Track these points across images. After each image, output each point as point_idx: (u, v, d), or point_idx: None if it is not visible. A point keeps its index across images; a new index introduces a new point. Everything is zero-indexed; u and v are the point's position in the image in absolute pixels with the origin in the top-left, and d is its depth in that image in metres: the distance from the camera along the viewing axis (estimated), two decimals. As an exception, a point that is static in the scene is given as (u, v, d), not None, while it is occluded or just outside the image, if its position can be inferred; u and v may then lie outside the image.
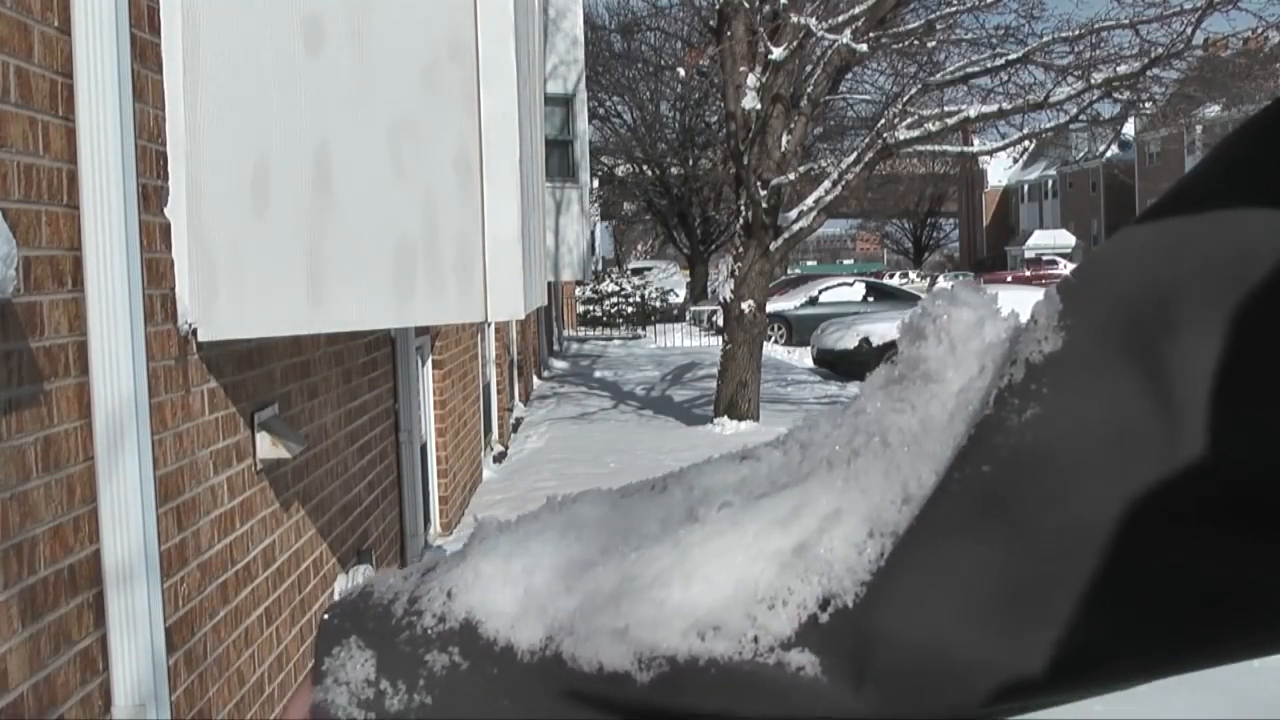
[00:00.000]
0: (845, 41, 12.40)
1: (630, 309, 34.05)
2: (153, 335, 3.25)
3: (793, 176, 13.13)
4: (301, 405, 4.69)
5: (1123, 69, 13.84)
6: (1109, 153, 43.95)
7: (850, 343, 20.00)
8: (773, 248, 13.28)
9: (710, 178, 31.98)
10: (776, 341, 25.58)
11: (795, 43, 12.61)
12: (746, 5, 12.78)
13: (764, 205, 12.98)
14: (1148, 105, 16.15)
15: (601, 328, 33.30)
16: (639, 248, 58.67)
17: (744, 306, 13.36)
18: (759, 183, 12.92)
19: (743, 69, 13.04)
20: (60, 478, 2.82)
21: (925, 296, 0.50)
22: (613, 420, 14.29)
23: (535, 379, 18.03)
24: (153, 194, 3.40)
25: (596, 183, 27.20)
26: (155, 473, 3.17)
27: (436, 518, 8.46)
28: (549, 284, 12.35)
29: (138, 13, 3.29)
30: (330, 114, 3.58)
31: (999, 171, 70.42)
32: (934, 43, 15.54)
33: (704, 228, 35.84)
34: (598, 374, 20.05)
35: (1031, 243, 61.53)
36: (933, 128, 13.19)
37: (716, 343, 20.40)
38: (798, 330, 26.29)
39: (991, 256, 66.03)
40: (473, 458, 9.98)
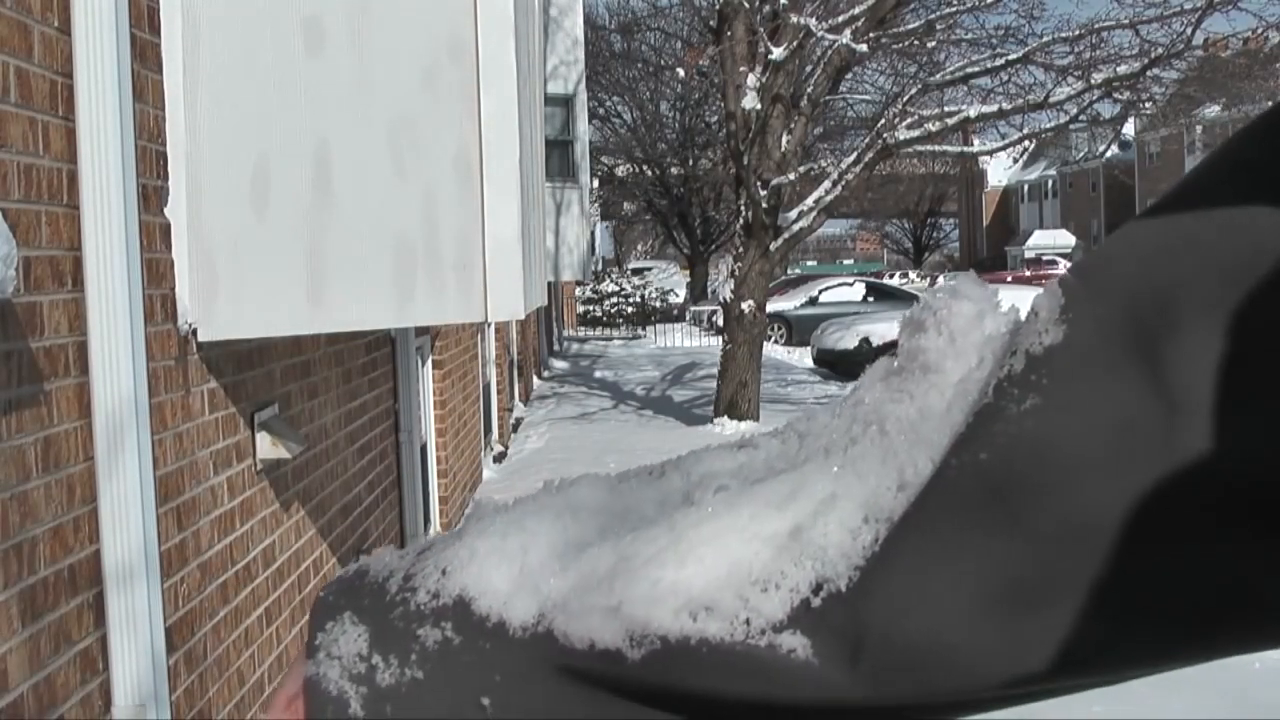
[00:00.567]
0: (845, 41, 12.39)
1: (630, 309, 34.04)
2: (153, 335, 3.25)
3: (793, 176, 13.13)
4: (301, 405, 4.69)
5: (1123, 69, 13.84)
6: (1109, 153, 43.93)
7: (850, 343, 20.00)
8: (773, 248, 13.28)
9: (710, 178, 31.98)
10: (776, 342, 25.58)
11: (795, 43, 12.61)
12: (746, 5, 12.77)
13: (764, 205, 12.98)
14: (1148, 105, 16.14)
15: (601, 328, 33.29)
16: (639, 248, 58.67)
17: (744, 306, 13.36)
18: (759, 183, 12.92)
19: (743, 69, 13.04)
20: (60, 478, 2.82)
21: (926, 292, 0.50)
22: (613, 420, 14.29)
23: (535, 379, 18.03)
24: (153, 194, 3.40)
25: (596, 183, 27.19)
26: (155, 473, 3.17)
27: (436, 518, 8.46)
28: (549, 284, 12.35)
29: (138, 13, 3.29)
30: (330, 114, 3.58)
31: (999, 171, 70.39)
32: (934, 43, 15.54)
33: (704, 228, 35.84)
34: (598, 374, 20.05)
35: (1031, 243, 61.51)
36: (933, 128, 13.20)
37: (716, 343, 20.40)
38: (798, 330, 26.29)
39: (991, 256, 65.99)
40: (473, 458, 9.98)
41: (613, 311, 33.99)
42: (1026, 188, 71.12)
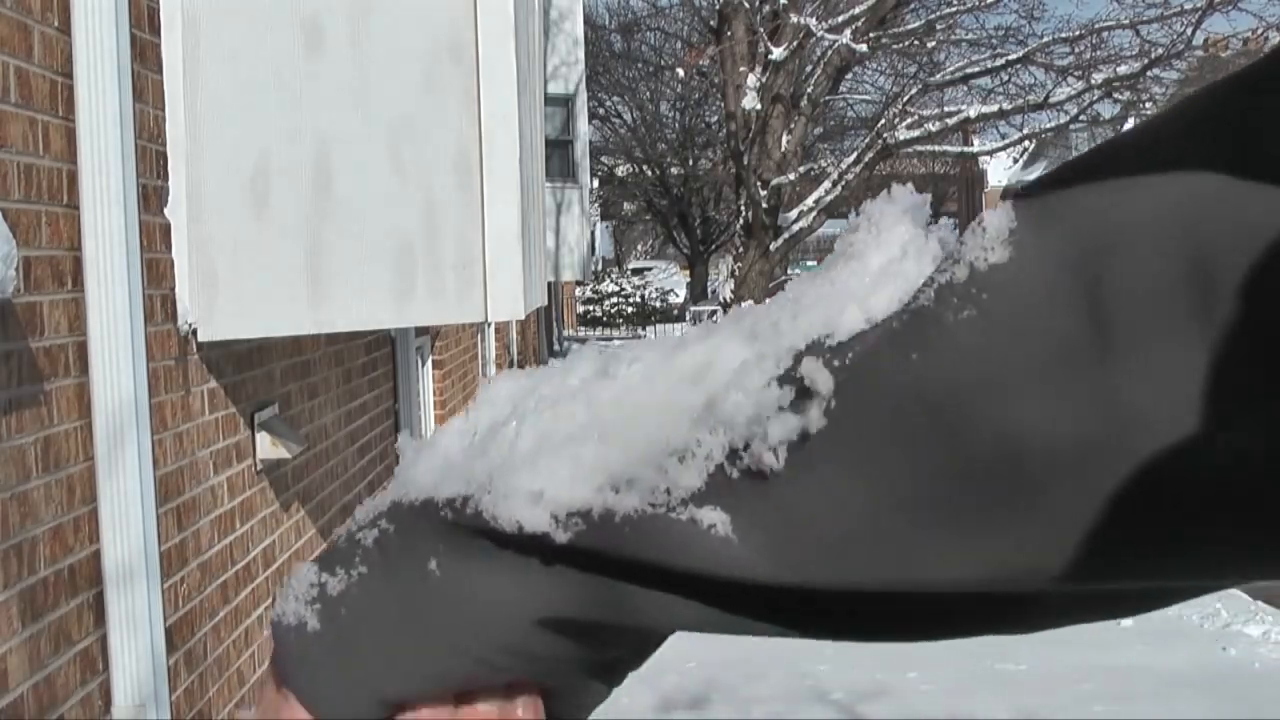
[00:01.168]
0: (845, 41, 12.40)
1: (630, 309, 34.04)
2: (153, 335, 3.25)
3: (793, 176, 13.13)
4: (301, 405, 4.69)
5: (1123, 69, 13.85)
6: (1109, 153, 43.83)
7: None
8: (773, 248, 13.29)
9: (710, 178, 31.97)
10: (776, 341, 25.49)
11: (795, 43, 12.62)
12: (746, 5, 12.77)
13: (764, 205, 12.98)
14: (1148, 105, 16.14)
15: (601, 328, 33.29)
16: (639, 248, 58.66)
17: (744, 307, 13.35)
18: (759, 183, 12.91)
19: (743, 69, 13.04)
20: (60, 478, 2.82)
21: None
22: (613, 420, 14.26)
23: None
24: (153, 194, 3.40)
25: (596, 183, 27.20)
26: (155, 473, 3.17)
27: (436, 518, 8.46)
28: (549, 284, 12.34)
29: (138, 13, 3.29)
30: (330, 114, 3.58)
31: (999, 172, 70.36)
32: (934, 43, 15.54)
33: (704, 228, 35.83)
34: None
35: (1031, 243, 61.47)
36: (933, 128, 13.20)
37: (716, 343, 20.31)
38: (798, 330, 26.20)
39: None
40: (473, 458, 9.97)
41: (613, 311, 33.99)
42: (1026, 188, 71.10)
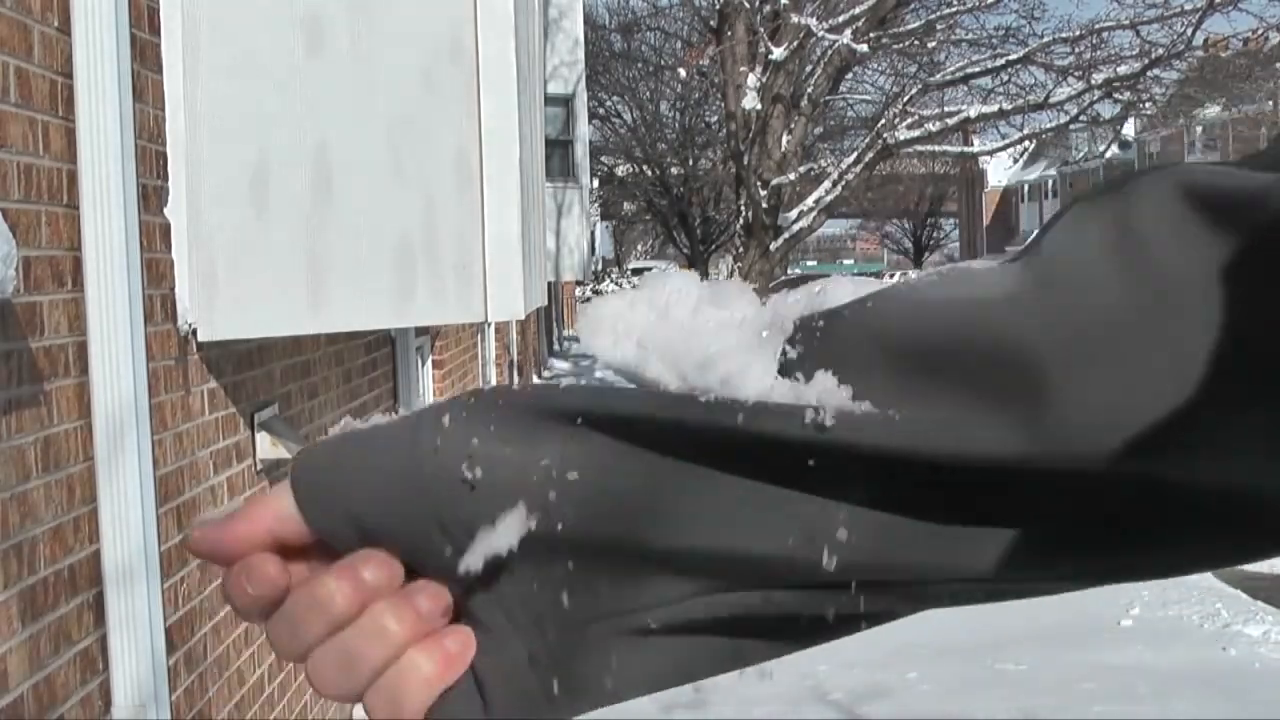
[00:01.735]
0: (845, 41, 12.40)
1: (630, 309, 33.93)
2: (153, 335, 3.25)
3: (793, 176, 13.14)
4: (301, 405, 4.69)
5: (1123, 69, 13.85)
6: (1109, 153, 43.92)
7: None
8: (773, 248, 13.29)
9: (710, 178, 31.97)
10: (776, 341, 25.50)
11: (795, 43, 12.62)
12: (747, 5, 12.78)
13: (764, 205, 12.98)
14: (1148, 105, 16.14)
15: (602, 328, 33.21)
16: (639, 248, 58.66)
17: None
18: (759, 183, 12.92)
19: (743, 69, 13.04)
20: (60, 478, 2.82)
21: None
22: (613, 420, 14.25)
23: (535, 379, 18.03)
24: (153, 194, 3.40)
25: (596, 183, 27.19)
26: (155, 473, 3.17)
27: (436, 518, 8.46)
28: (549, 284, 12.35)
29: (138, 13, 3.29)
30: (330, 114, 3.58)
31: (999, 171, 70.38)
32: (934, 43, 15.54)
33: (704, 228, 35.83)
34: (598, 374, 20.04)
35: (1032, 243, 61.43)
36: (933, 128, 13.20)
37: (716, 343, 20.31)
38: (798, 330, 26.20)
39: (992, 256, 65.92)
40: (473, 458, 9.97)
41: (613, 311, 33.89)
42: (1027, 188, 71.13)
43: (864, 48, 12.72)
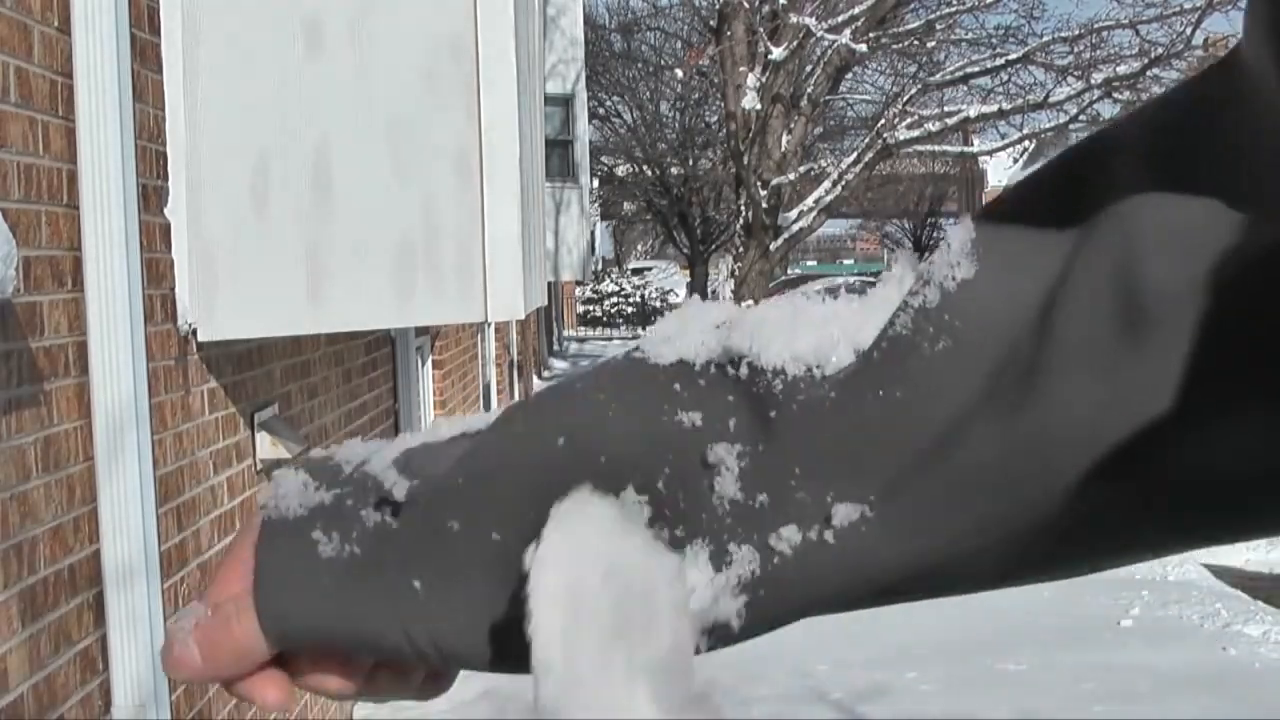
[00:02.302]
0: (845, 41, 12.40)
1: (630, 309, 34.05)
2: (153, 335, 3.25)
3: (793, 176, 13.14)
4: (301, 405, 4.69)
5: (1123, 69, 13.85)
6: (1109, 153, 43.83)
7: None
8: (773, 248, 13.29)
9: (710, 178, 31.96)
10: (776, 341, 25.49)
11: (795, 43, 12.62)
12: (746, 5, 12.78)
13: (764, 205, 12.98)
14: (1148, 105, 16.12)
15: (601, 328, 33.31)
16: (639, 248, 58.65)
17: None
18: (759, 183, 12.92)
19: (743, 69, 13.04)
20: (60, 478, 2.82)
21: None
22: (613, 420, 14.25)
23: (535, 379, 18.02)
24: (153, 194, 3.40)
25: (596, 183, 27.20)
26: (155, 473, 3.17)
27: (436, 518, 8.46)
28: (549, 284, 12.35)
29: (138, 13, 3.28)
30: (330, 114, 3.58)
31: (999, 171, 70.29)
32: (934, 43, 15.54)
33: (704, 228, 35.81)
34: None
35: (1031, 243, 61.40)
36: (933, 128, 13.21)
37: (716, 343, 20.31)
38: (798, 330, 26.19)
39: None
40: (473, 458, 9.96)
41: (613, 311, 34.01)
42: (1026, 188, 71.07)
43: (863, 48, 12.73)
